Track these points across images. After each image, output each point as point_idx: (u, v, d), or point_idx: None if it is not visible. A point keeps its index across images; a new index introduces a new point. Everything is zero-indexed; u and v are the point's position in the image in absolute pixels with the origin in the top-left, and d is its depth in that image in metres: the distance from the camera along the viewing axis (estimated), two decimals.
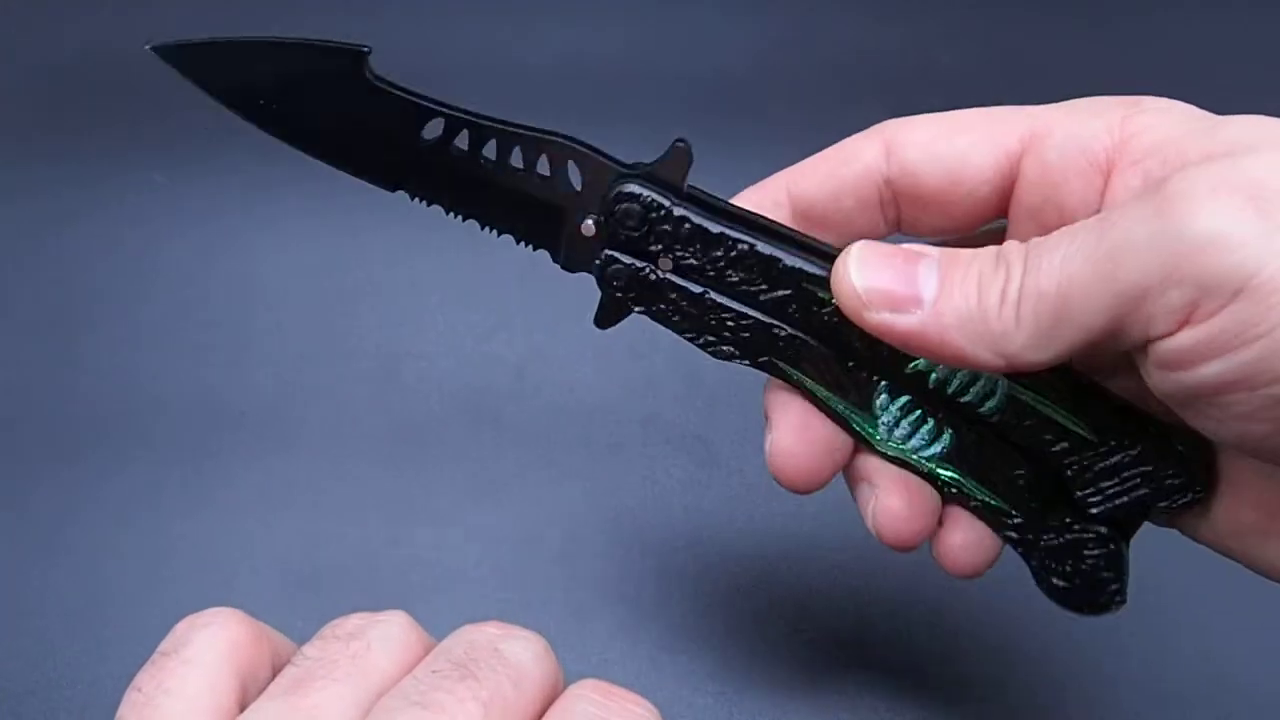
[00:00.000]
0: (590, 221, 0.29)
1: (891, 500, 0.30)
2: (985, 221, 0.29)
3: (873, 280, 0.25)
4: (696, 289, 0.29)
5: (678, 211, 0.28)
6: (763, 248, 0.28)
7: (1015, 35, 0.57)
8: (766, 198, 0.30)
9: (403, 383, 0.46)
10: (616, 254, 0.29)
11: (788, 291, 0.28)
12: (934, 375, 0.28)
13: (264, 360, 0.46)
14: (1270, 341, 0.21)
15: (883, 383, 0.29)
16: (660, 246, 0.29)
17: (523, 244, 0.30)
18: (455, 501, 0.43)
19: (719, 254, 0.28)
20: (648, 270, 0.29)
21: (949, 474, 0.29)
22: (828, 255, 0.28)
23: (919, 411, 0.29)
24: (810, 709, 0.39)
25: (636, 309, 0.30)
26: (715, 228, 0.28)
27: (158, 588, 0.41)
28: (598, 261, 0.29)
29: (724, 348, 0.29)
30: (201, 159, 0.52)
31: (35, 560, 0.41)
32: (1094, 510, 0.28)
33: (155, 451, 0.44)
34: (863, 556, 0.42)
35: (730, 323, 0.29)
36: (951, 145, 0.28)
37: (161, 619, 0.40)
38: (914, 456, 0.30)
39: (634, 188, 0.28)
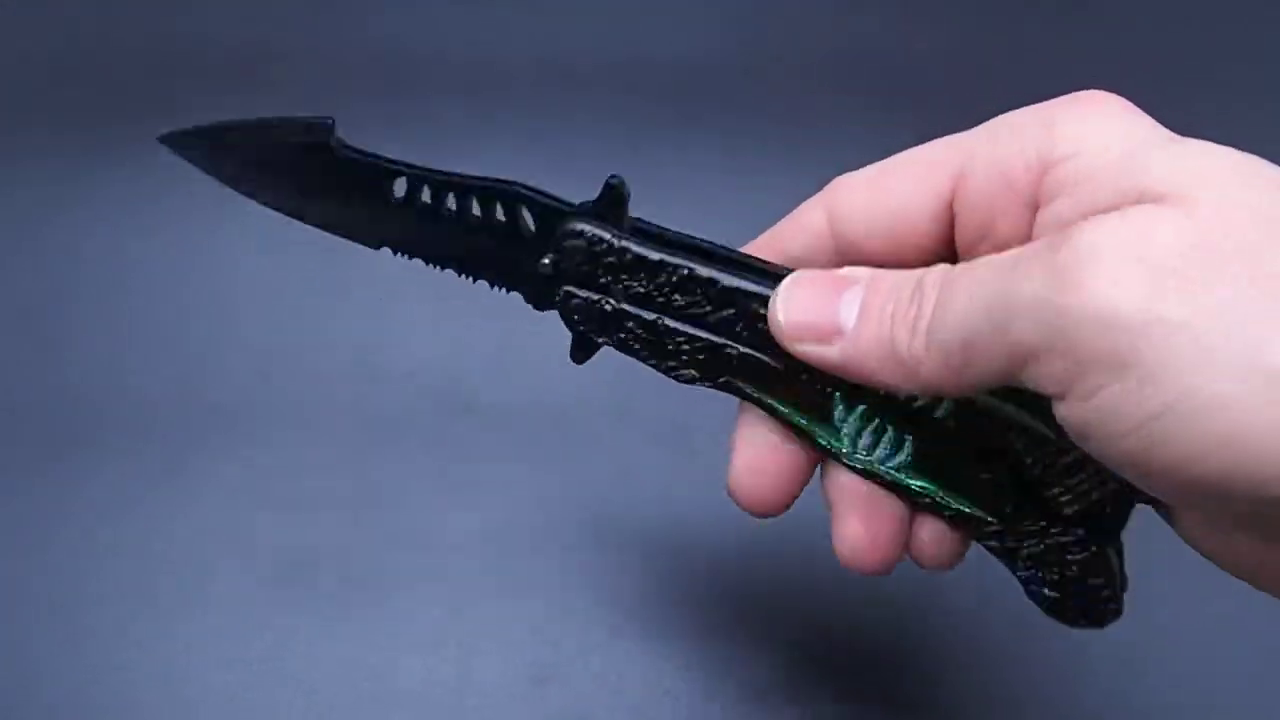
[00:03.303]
0: (547, 260, 0.30)
1: (849, 526, 0.29)
2: (941, 259, 0.27)
3: (797, 314, 0.27)
4: (650, 316, 0.30)
5: (619, 244, 0.29)
6: (701, 271, 0.29)
7: (992, 22, 0.57)
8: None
9: (379, 374, 0.46)
10: (573, 289, 0.30)
11: (732, 311, 0.29)
12: None
13: (241, 353, 0.46)
14: (1146, 434, 0.20)
15: (837, 393, 0.29)
16: (610, 278, 0.30)
17: (498, 288, 0.32)
18: (432, 492, 0.43)
19: (662, 279, 0.29)
20: (602, 302, 0.30)
21: (919, 484, 0.29)
22: (771, 274, 0.28)
23: (877, 419, 0.29)
24: (790, 697, 0.39)
25: (600, 340, 0.30)
26: (655, 255, 0.29)
27: (137, 583, 0.41)
28: (558, 298, 0.30)
29: (684, 371, 0.30)
30: (177, 154, 0.51)
31: (13, 557, 0.41)
32: (1067, 510, 0.27)
33: (133, 446, 0.44)
34: None
35: (685, 346, 0.30)
36: (887, 206, 0.27)
37: (141, 614, 0.40)
38: (881, 468, 0.29)
39: (579, 225, 0.29)
